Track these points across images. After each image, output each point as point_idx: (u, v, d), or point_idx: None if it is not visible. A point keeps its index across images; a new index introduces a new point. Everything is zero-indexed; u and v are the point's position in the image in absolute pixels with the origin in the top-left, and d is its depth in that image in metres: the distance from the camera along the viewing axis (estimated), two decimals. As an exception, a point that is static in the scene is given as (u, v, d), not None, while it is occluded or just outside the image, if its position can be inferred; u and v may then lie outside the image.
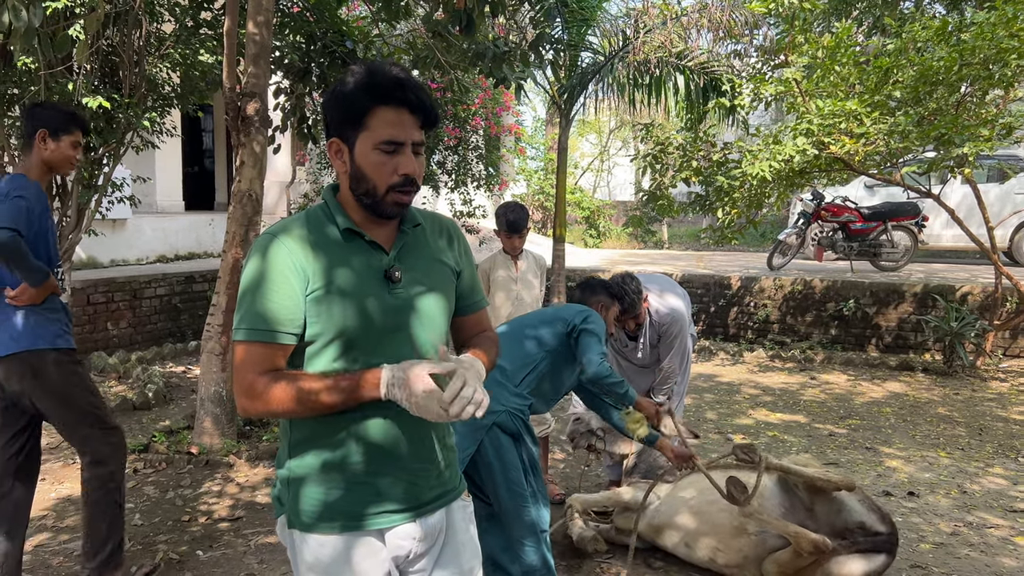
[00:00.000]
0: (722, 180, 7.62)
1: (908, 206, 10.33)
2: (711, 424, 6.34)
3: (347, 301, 1.63)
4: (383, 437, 1.68)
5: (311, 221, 1.69)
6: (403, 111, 1.61)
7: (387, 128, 1.60)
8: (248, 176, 5.25)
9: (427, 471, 1.74)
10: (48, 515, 4.32)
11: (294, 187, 13.59)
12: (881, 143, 6.86)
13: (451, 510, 1.82)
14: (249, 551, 3.90)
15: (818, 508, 3.49)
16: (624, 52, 8.57)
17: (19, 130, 5.94)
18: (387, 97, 1.60)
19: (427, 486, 1.75)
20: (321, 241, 1.66)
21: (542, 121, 24.65)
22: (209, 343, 5.31)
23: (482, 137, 12.27)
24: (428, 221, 1.82)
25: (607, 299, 3.77)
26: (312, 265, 1.62)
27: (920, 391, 7.48)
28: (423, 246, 1.77)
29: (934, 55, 6.50)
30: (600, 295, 3.75)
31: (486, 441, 2.99)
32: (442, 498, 1.79)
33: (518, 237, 4.69)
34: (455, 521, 1.82)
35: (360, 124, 1.62)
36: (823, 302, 9.33)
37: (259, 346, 1.61)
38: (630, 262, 12.43)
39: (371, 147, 1.61)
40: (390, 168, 1.61)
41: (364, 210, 1.68)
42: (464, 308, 1.86)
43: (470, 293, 1.87)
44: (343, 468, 1.67)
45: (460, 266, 1.84)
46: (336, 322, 1.62)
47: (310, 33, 6.49)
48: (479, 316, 1.91)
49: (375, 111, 1.60)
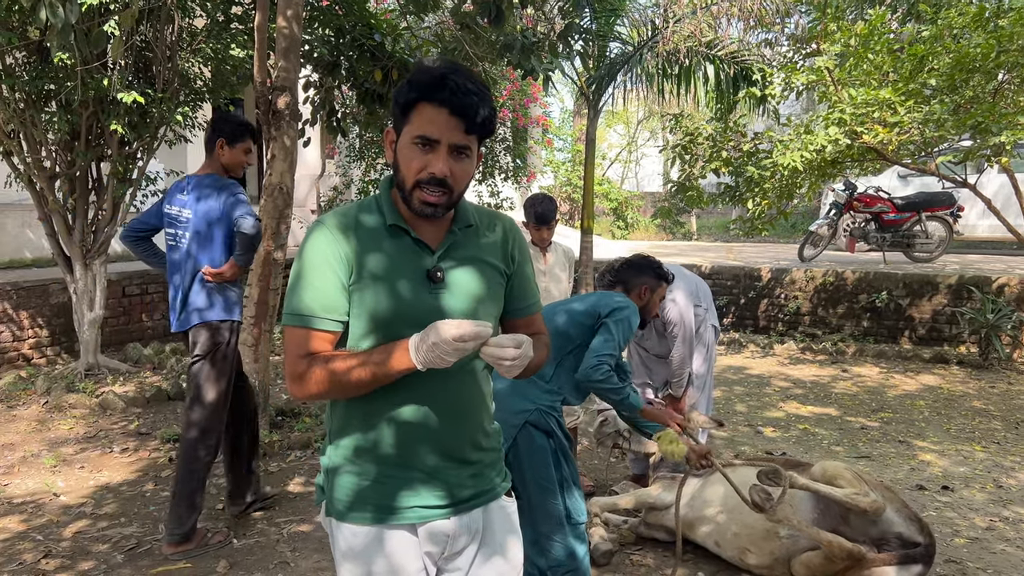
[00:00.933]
0: (753, 170, 7.54)
1: (943, 196, 10.15)
2: (741, 417, 6.31)
3: (386, 297, 1.63)
4: (416, 430, 1.68)
5: (362, 212, 1.70)
6: (443, 110, 1.58)
7: (424, 124, 1.59)
8: (279, 169, 5.30)
9: (462, 467, 1.74)
10: (87, 503, 4.41)
11: (324, 180, 13.68)
12: (916, 132, 6.74)
13: (489, 510, 1.80)
14: (282, 539, 3.96)
15: (853, 516, 3.40)
16: (653, 42, 8.51)
17: (56, 125, 6.05)
18: (429, 95, 1.58)
19: (462, 483, 1.73)
20: (367, 234, 1.67)
21: (569, 112, 24.58)
22: (242, 334, 5.37)
23: (509, 129, 12.26)
24: (484, 221, 1.80)
25: (653, 280, 3.50)
26: (355, 257, 1.64)
27: (955, 384, 7.37)
28: (472, 247, 1.74)
29: (971, 42, 6.36)
30: (646, 276, 3.50)
31: (519, 438, 2.98)
32: (479, 497, 1.77)
33: (546, 229, 4.67)
34: (494, 522, 1.80)
35: (406, 117, 1.62)
36: (855, 294, 9.22)
37: (300, 331, 1.64)
38: (659, 254, 12.30)
39: (409, 140, 1.62)
40: (420, 164, 1.60)
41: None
42: (515, 311, 1.83)
43: (522, 296, 1.84)
44: (376, 458, 1.69)
45: (511, 269, 1.81)
46: (374, 317, 1.64)
47: (339, 26, 6.52)
48: (531, 320, 1.87)
49: (418, 106, 1.60)
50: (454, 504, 1.72)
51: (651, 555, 3.82)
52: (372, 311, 1.63)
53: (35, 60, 6.22)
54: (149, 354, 7.71)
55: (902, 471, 5.04)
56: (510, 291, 1.81)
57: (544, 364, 1.87)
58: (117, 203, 6.83)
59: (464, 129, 1.60)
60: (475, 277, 1.71)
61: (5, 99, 6.09)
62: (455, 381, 1.69)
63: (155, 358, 7.65)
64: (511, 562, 1.84)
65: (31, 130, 6.26)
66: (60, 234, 6.63)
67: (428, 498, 1.70)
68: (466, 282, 1.70)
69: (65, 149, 6.49)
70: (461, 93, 1.57)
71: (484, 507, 1.79)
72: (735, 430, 5.90)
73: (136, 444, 5.40)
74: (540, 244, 4.76)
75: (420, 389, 1.66)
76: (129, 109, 6.11)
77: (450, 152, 1.61)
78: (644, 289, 3.46)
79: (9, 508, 4.31)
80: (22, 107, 6.14)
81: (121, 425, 5.83)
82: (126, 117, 6.20)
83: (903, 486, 4.75)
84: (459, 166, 1.62)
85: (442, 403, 1.69)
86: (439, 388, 1.68)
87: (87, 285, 6.68)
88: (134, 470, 4.93)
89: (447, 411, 1.70)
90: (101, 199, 6.80)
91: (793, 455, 5.31)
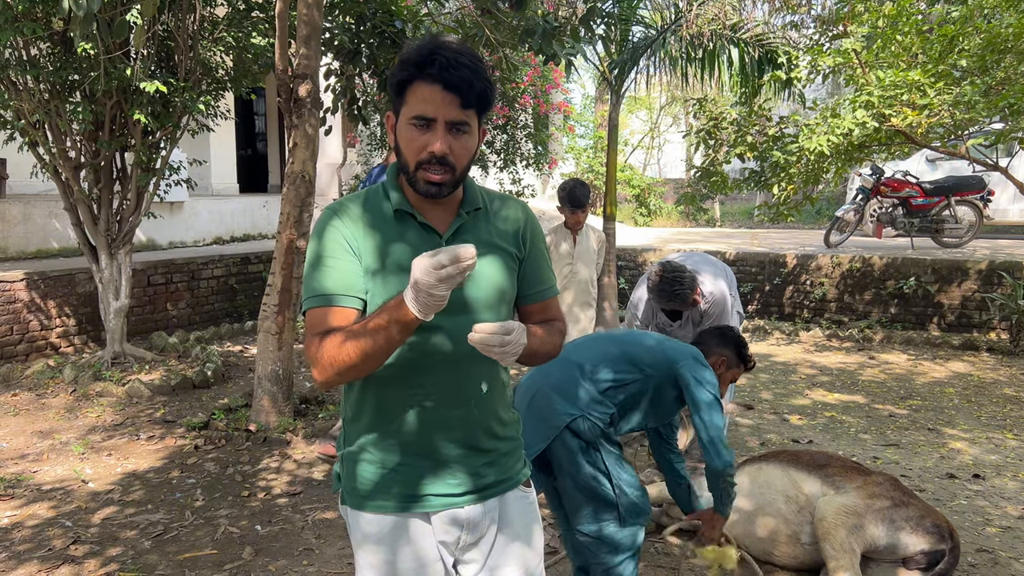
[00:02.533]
0: (778, 155, 7.43)
1: (973, 180, 9.96)
2: (767, 404, 6.24)
3: (393, 281, 1.61)
4: (429, 418, 1.66)
5: (369, 199, 1.69)
6: (436, 87, 1.54)
7: (419, 103, 1.57)
8: (301, 158, 5.29)
9: (477, 455, 1.71)
10: (115, 489, 4.45)
11: (345, 168, 13.70)
12: (946, 115, 6.61)
13: (506, 500, 1.77)
14: (307, 526, 3.97)
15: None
16: (676, 25, 8.39)
17: (80, 115, 6.08)
18: (420, 72, 1.56)
19: (477, 472, 1.71)
20: (375, 220, 1.65)
21: (591, 98, 24.41)
22: (266, 323, 5.40)
23: (531, 115, 12.18)
24: (494, 203, 1.77)
25: (733, 357, 3.26)
26: (363, 243, 1.63)
27: (985, 371, 7.25)
28: (481, 230, 1.71)
29: (1002, 22, 6.22)
30: (728, 349, 3.25)
31: (557, 444, 2.74)
32: (493, 487, 1.74)
33: (580, 212, 4.78)
34: (510, 512, 1.78)
35: (402, 98, 1.60)
36: (882, 280, 9.09)
37: (317, 311, 1.62)
38: (682, 240, 12.26)
39: (406, 121, 1.59)
40: (420, 144, 1.58)
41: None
42: (527, 296, 1.78)
43: (535, 281, 1.78)
44: (389, 447, 1.67)
45: (523, 252, 1.76)
46: (383, 302, 1.60)
47: (359, 14, 6.49)
48: (544, 305, 1.81)
49: (412, 86, 1.57)
50: (470, 492, 1.71)
51: (674, 545, 3.79)
52: (381, 296, 1.61)
53: (59, 51, 6.26)
54: (174, 342, 7.77)
55: (931, 459, 4.97)
56: (523, 275, 1.77)
57: (556, 354, 1.76)
58: (141, 192, 6.87)
59: (460, 104, 1.56)
60: (485, 260, 1.67)
61: (30, 90, 6.13)
62: (469, 368, 1.67)
63: (180, 346, 7.71)
64: (534, 548, 1.82)
65: (56, 120, 6.30)
66: (85, 224, 6.68)
67: (444, 487, 1.68)
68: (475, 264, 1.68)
69: (89, 139, 6.53)
70: (452, 67, 1.54)
71: (501, 496, 1.76)
72: (761, 418, 5.84)
73: (162, 432, 5.44)
74: (574, 227, 4.87)
75: (432, 376, 1.65)
76: (152, 99, 6.13)
77: (448, 129, 1.58)
78: (721, 360, 3.23)
79: (39, 495, 4.37)
80: (47, 97, 6.18)
81: (147, 413, 5.89)
82: (149, 107, 6.22)
83: (933, 475, 4.68)
84: (458, 142, 1.59)
85: (455, 390, 1.67)
86: (452, 375, 1.66)
87: (112, 274, 6.73)
88: (160, 457, 4.97)
89: (460, 399, 1.68)
90: (126, 188, 6.84)
91: (820, 443, 5.25)
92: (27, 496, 4.35)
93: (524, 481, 1.83)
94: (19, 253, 8.63)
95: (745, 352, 3.29)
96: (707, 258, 4.64)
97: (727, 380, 3.28)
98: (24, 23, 5.57)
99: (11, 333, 7.00)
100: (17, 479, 4.57)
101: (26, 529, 3.93)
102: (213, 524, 4.00)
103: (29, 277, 7.14)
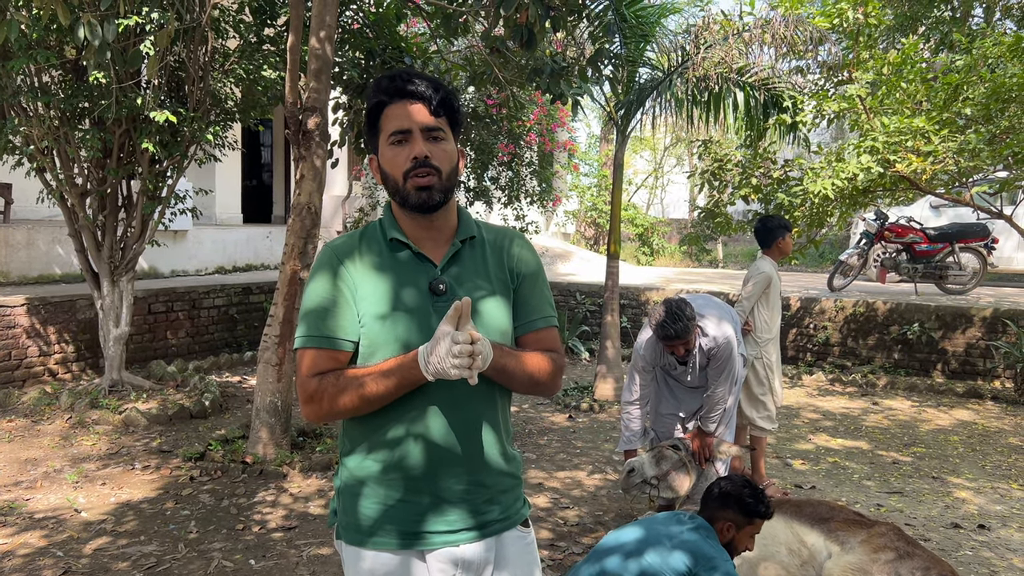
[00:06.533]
0: (782, 197, 7.45)
1: (977, 227, 9.97)
2: (770, 448, 6.17)
3: (390, 311, 1.64)
4: (422, 455, 1.65)
5: (366, 235, 1.73)
6: (405, 103, 1.65)
7: (392, 122, 1.66)
8: (307, 189, 5.30)
9: (470, 494, 1.68)
10: (108, 519, 4.38)
11: (350, 201, 13.76)
12: (950, 162, 6.64)
13: (503, 541, 1.74)
14: (301, 562, 3.90)
15: None
16: (683, 68, 8.47)
17: (89, 142, 6.11)
18: (389, 95, 1.66)
19: (475, 509, 1.69)
20: (370, 253, 1.70)
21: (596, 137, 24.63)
22: (266, 353, 5.37)
23: (536, 153, 12.26)
24: (489, 234, 1.79)
25: (740, 517, 3.00)
26: (360, 276, 1.67)
27: (990, 419, 7.18)
28: (476, 259, 1.73)
29: (1006, 72, 6.28)
30: (728, 511, 3.01)
31: None
32: (494, 524, 1.72)
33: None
34: (508, 553, 1.74)
35: (377, 129, 1.69)
36: (886, 325, 9.06)
37: (312, 351, 1.65)
38: (685, 280, 12.26)
39: (386, 144, 1.67)
40: (403, 157, 1.65)
41: (408, 217, 1.70)
42: (519, 327, 1.76)
43: (529, 310, 1.76)
44: (382, 483, 1.66)
45: (516, 282, 1.76)
46: (380, 332, 1.64)
47: (369, 49, 6.57)
48: (540, 336, 1.77)
49: (384, 113, 1.67)
50: (471, 529, 1.68)
51: None
52: (378, 326, 1.63)
53: (70, 78, 6.32)
54: (172, 371, 7.73)
55: (936, 508, 4.90)
56: (517, 305, 1.77)
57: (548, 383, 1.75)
58: (146, 220, 6.88)
59: (429, 111, 1.65)
60: (480, 289, 1.70)
61: (40, 116, 6.17)
62: (468, 403, 1.66)
63: (179, 376, 7.66)
64: None
65: (64, 147, 6.33)
66: (89, 250, 6.68)
67: (444, 524, 1.66)
68: (471, 294, 1.67)
69: (97, 166, 6.56)
70: (412, 82, 1.66)
71: (499, 536, 1.73)
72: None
73: (158, 462, 5.38)
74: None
75: (432, 411, 1.64)
76: (161, 128, 6.16)
77: (425, 137, 1.65)
78: (728, 526, 2.98)
79: (31, 523, 4.30)
80: (56, 124, 6.22)
81: (143, 442, 5.83)
82: (158, 135, 6.26)
83: (937, 524, 4.61)
84: (437, 147, 1.66)
85: (455, 426, 1.65)
86: (451, 410, 1.65)
87: (114, 301, 6.72)
88: (155, 488, 4.91)
89: (460, 435, 1.66)
90: (130, 216, 6.86)
91: (823, 489, 5.18)
92: (19, 524, 4.28)
93: (523, 521, 1.80)
94: (21, 278, 8.63)
95: (752, 505, 2.99)
96: (711, 300, 4.60)
97: (747, 537, 3.03)
98: (38, 51, 5.63)
99: (9, 358, 6.97)
100: (10, 506, 4.51)
101: (17, 558, 3.86)
102: (207, 557, 3.93)
103: (30, 302, 7.13)
